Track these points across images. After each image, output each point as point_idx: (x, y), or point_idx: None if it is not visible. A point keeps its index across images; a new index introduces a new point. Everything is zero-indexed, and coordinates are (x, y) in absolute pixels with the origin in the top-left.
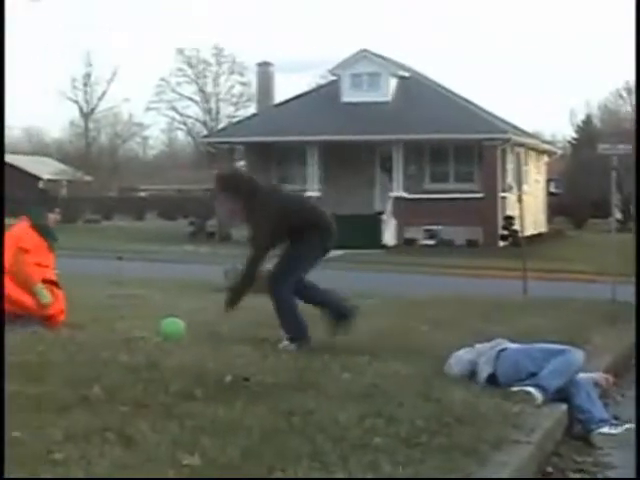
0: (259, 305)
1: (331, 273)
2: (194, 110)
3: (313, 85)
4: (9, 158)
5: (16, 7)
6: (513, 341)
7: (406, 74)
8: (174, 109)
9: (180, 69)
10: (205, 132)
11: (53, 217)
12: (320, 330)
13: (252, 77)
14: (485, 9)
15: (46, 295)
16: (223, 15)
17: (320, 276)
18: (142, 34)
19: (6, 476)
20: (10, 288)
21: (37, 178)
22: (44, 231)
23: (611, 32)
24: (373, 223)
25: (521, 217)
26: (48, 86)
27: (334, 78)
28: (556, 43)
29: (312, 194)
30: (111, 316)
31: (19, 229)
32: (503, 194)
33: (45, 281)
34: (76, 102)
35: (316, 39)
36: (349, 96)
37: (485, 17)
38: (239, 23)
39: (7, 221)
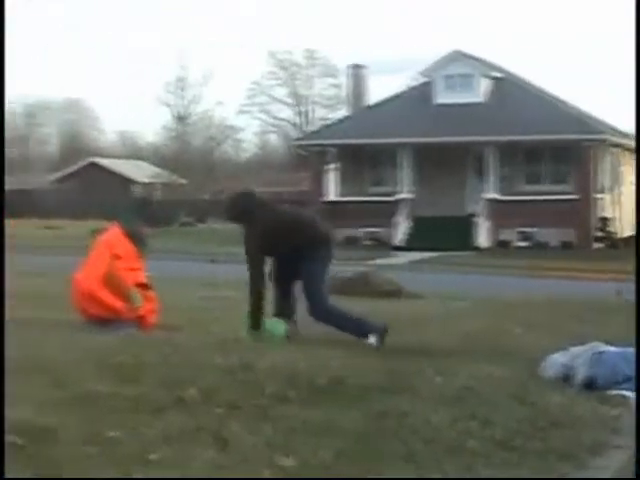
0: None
1: (423, 275)
2: (286, 113)
3: (405, 87)
4: (105, 162)
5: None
6: (608, 344)
7: (499, 75)
8: (266, 112)
9: (272, 72)
10: (297, 135)
11: (145, 230)
12: (411, 333)
13: (344, 79)
14: (578, 8)
15: (139, 299)
16: (315, 17)
17: (413, 278)
18: (234, 37)
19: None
20: (104, 294)
21: (132, 181)
22: (135, 238)
23: None
24: (465, 225)
25: (619, 218)
26: (142, 90)
27: (426, 80)
28: None
29: (404, 196)
30: (205, 318)
31: (111, 236)
32: (598, 195)
33: (137, 284)
34: (170, 106)
35: (408, 41)
36: (442, 97)
37: (578, 16)
38: (331, 25)
39: (100, 223)
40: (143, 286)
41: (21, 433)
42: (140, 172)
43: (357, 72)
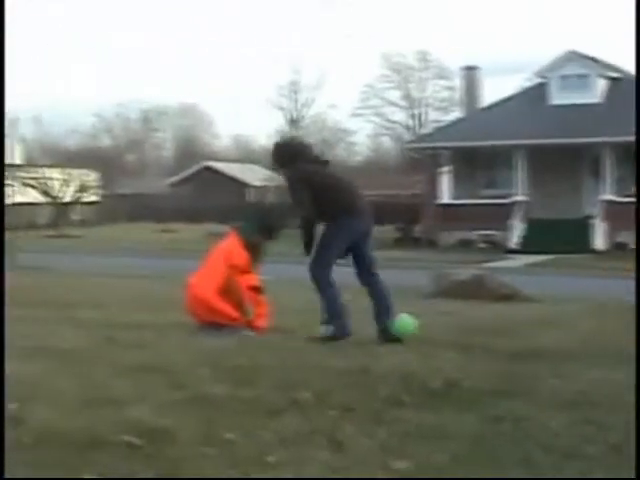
0: (464, 311)
1: (539, 278)
2: (399, 115)
3: (520, 88)
4: (219, 166)
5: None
6: None
7: (615, 74)
8: (380, 115)
9: (385, 75)
10: (410, 137)
11: (267, 244)
12: (526, 336)
13: (458, 81)
14: None
15: (251, 312)
16: (427, 19)
17: (528, 281)
18: (347, 40)
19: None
20: (220, 304)
21: (246, 185)
22: (254, 249)
23: None
24: (581, 227)
25: None
26: (256, 94)
27: (541, 80)
28: None
29: (519, 198)
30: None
31: (231, 246)
32: None
33: (248, 287)
34: (283, 109)
35: (522, 41)
36: (557, 98)
37: None
38: (444, 26)
39: (215, 227)
40: (255, 289)
41: (140, 434)
42: (253, 175)
43: (470, 74)
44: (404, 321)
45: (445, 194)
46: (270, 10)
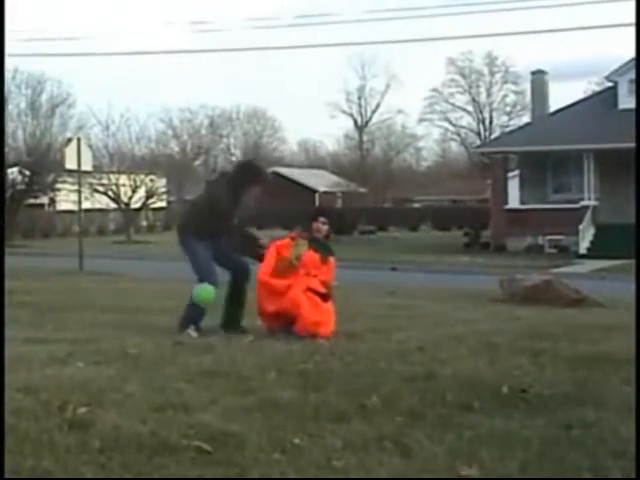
0: (533, 316)
1: (608, 284)
2: (467, 120)
3: (589, 92)
4: (287, 171)
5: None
6: None
7: None
8: (447, 120)
9: (453, 79)
10: (478, 142)
11: (316, 226)
12: (596, 342)
13: (526, 86)
14: None
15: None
16: (496, 23)
17: (598, 286)
18: (414, 45)
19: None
20: (273, 281)
21: (313, 191)
22: (313, 243)
23: None
24: None
25: None
26: (323, 100)
27: (610, 84)
28: None
29: (588, 203)
30: (387, 326)
31: (284, 241)
32: None
33: (309, 289)
34: (350, 115)
35: (591, 45)
36: (626, 102)
37: None
38: (513, 30)
39: (281, 233)
40: (317, 293)
41: (208, 439)
42: (321, 181)
43: (539, 78)
44: (202, 291)
45: (513, 199)
46: (339, 14)
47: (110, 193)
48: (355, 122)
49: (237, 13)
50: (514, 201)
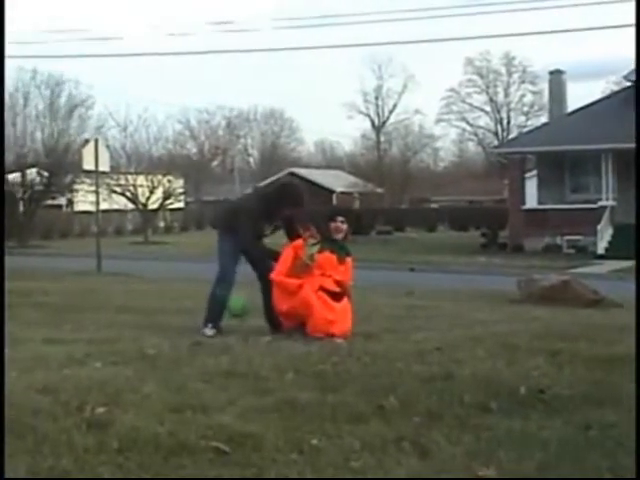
0: (551, 316)
1: (626, 284)
2: (484, 120)
3: (607, 92)
4: (304, 172)
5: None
6: None
7: None
8: (464, 120)
9: (470, 80)
10: (496, 142)
11: (334, 226)
12: (615, 342)
13: (544, 86)
14: None
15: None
16: (514, 23)
17: (616, 286)
18: (431, 45)
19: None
20: (288, 280)
21: (330, 191)
22: (329, 244)
23: None
24: None
25: None
26: (340, 100)
27: (629, 84)
28: None
29: (606, 203)
30: (405, 327)
31: (299, 241)
32: None
33: (321, 289)
34: (368, 115)
35: (609, 44)
36: None
37: None
38: (530, 30)
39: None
40: (330, 293)
41: (226, 439)
42: (338, 182)
43: (557, 78)
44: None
45: (531, 199)
46: (356, 14)
47: (128, 194)
48: (372, 122)
49: (254, 13)
50: (532, 201)
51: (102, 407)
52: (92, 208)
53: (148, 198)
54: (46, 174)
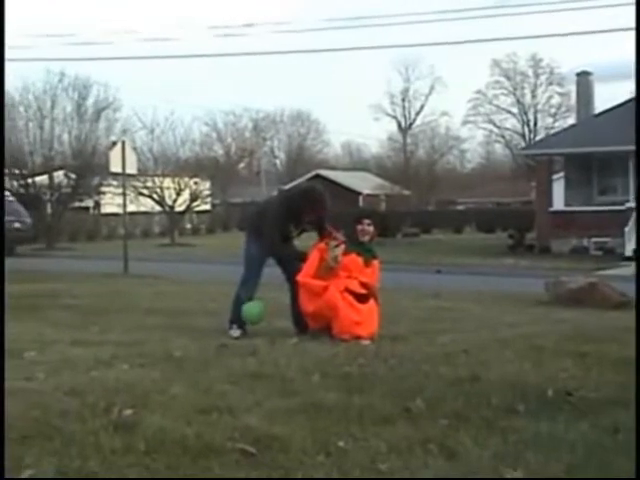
0: (579, 318)
1: None
2: (511, 122)
3: (635, 93)
4: (330, 174)
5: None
6: None
7: None
8: (491, 122)
9: (497, 81)
10: (523, 144)
11: (361, 228)
12: (633, 344)
13: (571, 87)
14: None
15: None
16: (541, 25)
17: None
18: (458, 47)
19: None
20: (314, 281)
21: (357, 193)
22: (355, 246)
23: None
24: None
25: None
26: (367, 102)
27: None
28: None
29: (634, 205)
30: (432, 329)
31: (322, 244)
32: None
33: (347, 290)
34: (394, 117)
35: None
36: None
37: None
38: (558, 31)
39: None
40: (355, 295)
41: (252, 441)
42: (364, 184)
43: (584, 79)
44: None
45: (558, 201)
46: (382, 17)
47: (155, 196)
48: (399, 124)
49: (280, 16)
50: (559, 203)
51: (129, 409)
52: (119, 210)
53: (175, 200)
54: (73, 176)
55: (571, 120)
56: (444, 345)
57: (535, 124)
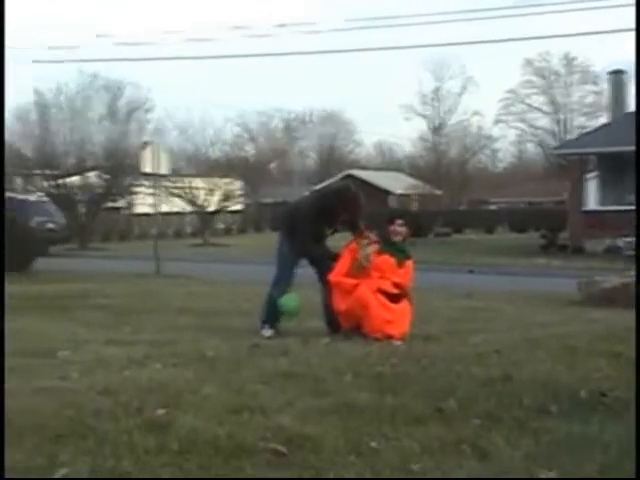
0: (612, 318)
1: None
2: (544, 121)
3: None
4: (362, 174)
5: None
6: None
7: None
8: (523, 121)
9: (529, 80)
10: (555, 143)
11: (393, 229)
12: None
13: (605, 86)
14: None
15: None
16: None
17: None
18: (490, 46)
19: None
20: (346, 280)
21: (389, 193)
22: (388, 247)
23: None
24: None
25: None
26: (399, 102)
27: None
28: None
29: None
30: (464, 329)
31: (354, 243)
32: None
33: (379, 290)
34: (426, 117)
35: None
36: None
37: None
38: (591, 29)
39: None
40: (387, 295)
41: (285, 441)
42: (397, 183)
43: (617, 78)
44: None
45: (591, 200)
46: (413, 16)
47: (186, 196)
48: (430, 124)
49: (311, 16)
50: (592, 203)
51: (162, 408)
52: (151, 211)
53: (207, 200)
54: (106, 177)
55: (604, 119)
56: (476, 345)
57: (568, 123)
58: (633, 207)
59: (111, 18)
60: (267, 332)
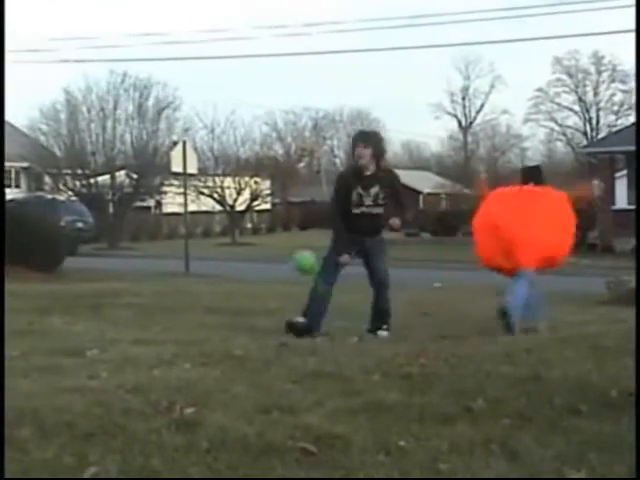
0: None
1: None
2: (573, 120)
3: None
4: None
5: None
6: None
7: None
8: (553, 120)
9: (558, 79)
10: (585, 142)
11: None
12: None
13: (633, 85)
14: None
15: None
16: (602, 21)
17: None
18: (518, 44)
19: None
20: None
21: (417, 192)
22: None
23: None
24: None
25: None
26: (427, 101)
27: None
28: None
29: None
30: (494, 327)
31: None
32: None
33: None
34: (454, 116)
35: None
36: None
37: None
38: (620, 28)
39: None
40: None
41: (314, 440)
42: (425, 182)
43: None
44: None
45: (621, 199)
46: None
47: (215, 195)
48: (459, 123)
49: (339, 14)
50: (622, 202)
51: (191, 407)
52: (180, 210)
53: (235, 200)
54: (135, 176)
55: (634, 118)
56: (505, 344)
57: (597, 122)
58: None
59: (139, 17)
60: (300, 320)
